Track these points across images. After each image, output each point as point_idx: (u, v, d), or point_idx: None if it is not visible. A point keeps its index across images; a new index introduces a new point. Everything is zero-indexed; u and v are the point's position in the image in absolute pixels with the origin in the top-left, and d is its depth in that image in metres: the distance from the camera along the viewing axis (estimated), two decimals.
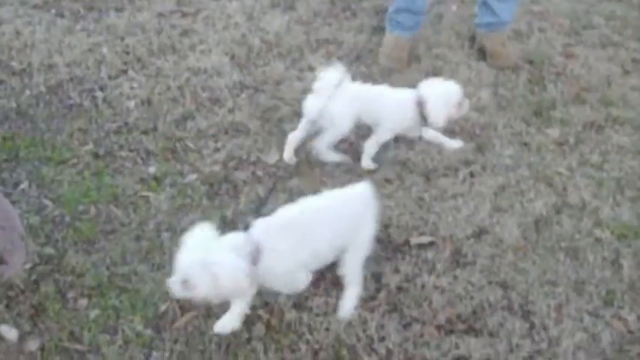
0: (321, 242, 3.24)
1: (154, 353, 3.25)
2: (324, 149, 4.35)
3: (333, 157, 4.40)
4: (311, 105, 4.25)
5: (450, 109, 4.34)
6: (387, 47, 5.48)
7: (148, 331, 3.33)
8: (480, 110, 4.96)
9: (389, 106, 4.39)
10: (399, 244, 3.86)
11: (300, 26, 5.93)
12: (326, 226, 3.24)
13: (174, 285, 2.93)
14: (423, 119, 4.36)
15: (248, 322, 3.36)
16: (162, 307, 3.44)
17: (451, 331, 3.40)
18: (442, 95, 4.32)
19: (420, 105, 4.33)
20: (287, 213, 3.27)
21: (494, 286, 3.63)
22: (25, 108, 4.94)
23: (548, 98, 5.20)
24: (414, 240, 3.88)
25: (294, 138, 4.37)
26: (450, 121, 4.42)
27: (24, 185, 4.19)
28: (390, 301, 3.52)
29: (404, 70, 5.40)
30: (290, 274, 3.22)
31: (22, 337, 3.20)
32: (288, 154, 4.37)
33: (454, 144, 4.60)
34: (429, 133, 4.59)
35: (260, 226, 3.12)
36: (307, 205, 3.32)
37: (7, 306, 3.29)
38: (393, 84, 4.64)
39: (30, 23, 6.06)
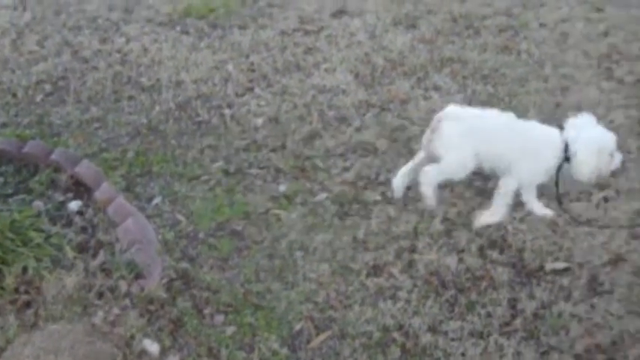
0: None
1: None
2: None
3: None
4: None
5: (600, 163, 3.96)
6: None
7: (284, 350, 3.35)
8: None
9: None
10: (534, 269, 3.78)
11: (424, 45, 5.90)
12: None
13: None
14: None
15: (383, 344, 3.34)
16: (297, 327, 3.47)
17: None
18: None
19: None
20: None
21: (634, 316, 3.50)
22: (155, 124, 5.08)
23: None
24: (549, 265, 3.79)
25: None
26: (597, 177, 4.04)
27: (157, 200, 4.30)
28: (527, 328, 3.44)
29: None
30: None
31: (163, 352, 3.26)
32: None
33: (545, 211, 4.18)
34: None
35: None
36: None
37: (148, 320, 3.37)
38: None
39: (156, 40, 6.24)
